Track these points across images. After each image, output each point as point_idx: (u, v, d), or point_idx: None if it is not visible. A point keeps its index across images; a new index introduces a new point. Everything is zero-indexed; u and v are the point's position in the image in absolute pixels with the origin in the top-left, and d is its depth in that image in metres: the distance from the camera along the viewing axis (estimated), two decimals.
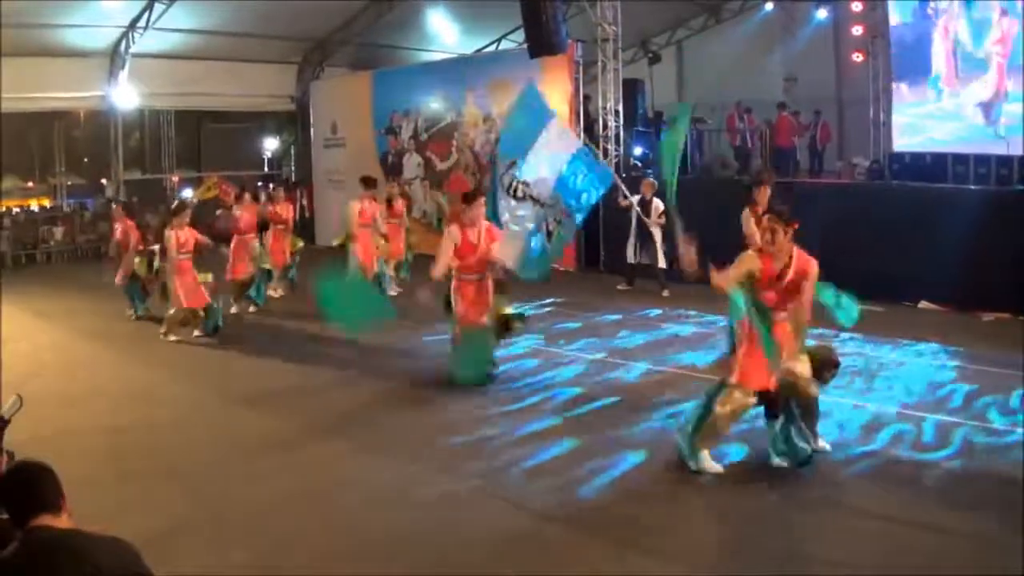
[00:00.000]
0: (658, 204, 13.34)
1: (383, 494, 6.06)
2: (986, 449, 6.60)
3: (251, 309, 13.11)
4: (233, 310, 12.80)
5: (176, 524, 5.54)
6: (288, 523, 5.60)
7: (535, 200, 9.19)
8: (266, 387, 9.02)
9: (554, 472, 6.31)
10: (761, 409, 6.22)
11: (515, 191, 9.14)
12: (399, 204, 14.95)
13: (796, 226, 5.99)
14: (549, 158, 9.37)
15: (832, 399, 7.53)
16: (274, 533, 5.46)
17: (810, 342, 6.53)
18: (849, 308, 7.09)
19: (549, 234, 9.25)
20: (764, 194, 8.98)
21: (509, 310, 8.90)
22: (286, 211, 14.57)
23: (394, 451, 6.94)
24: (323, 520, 5.65)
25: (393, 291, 13.24)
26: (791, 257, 6.00)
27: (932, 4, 15.97)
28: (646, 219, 13.45)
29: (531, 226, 9.04)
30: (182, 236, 11.17)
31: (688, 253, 7.12)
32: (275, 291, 14.08)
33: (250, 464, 6.74)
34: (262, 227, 13.81)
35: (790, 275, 6.00)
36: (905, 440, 6.81)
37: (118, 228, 12.88)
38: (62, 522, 2.85)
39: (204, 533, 5.48)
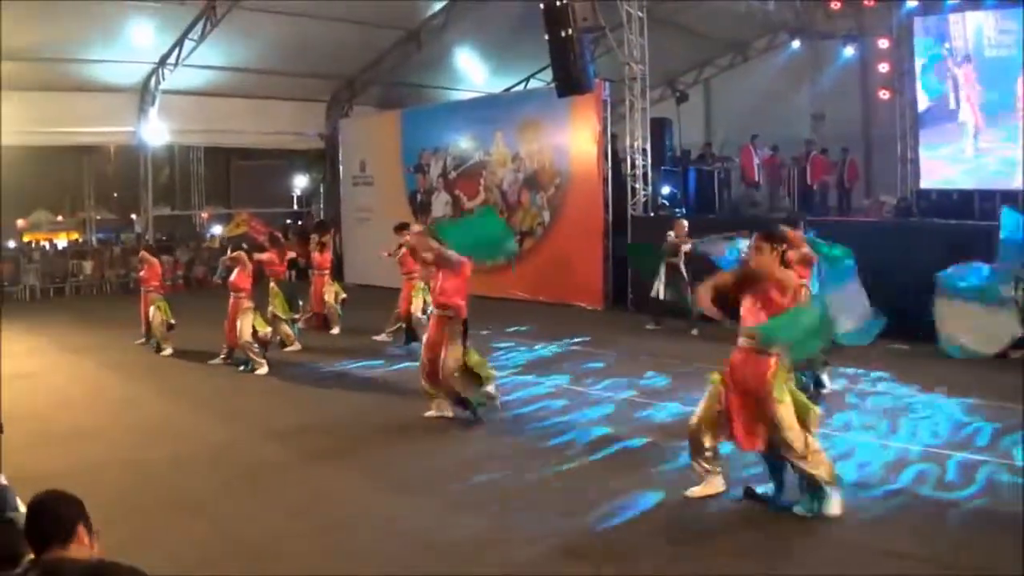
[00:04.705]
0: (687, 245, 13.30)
1: (403, 528, 6.03)
2: (1010, 487, 6.46)
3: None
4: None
5: (199, 559, 5.47)
6: (313, 557, 5.54)
7: None
8: (291, 422, 8.98)
9: (576, 511, 6.20)
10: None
11: None
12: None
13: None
14: None
15: (859, 439, 7.66)
16: (299, 567, 5.40)
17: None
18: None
19: None
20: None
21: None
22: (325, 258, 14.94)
23: (415, 488, 6.88)
24: (346, 555, 5.60)
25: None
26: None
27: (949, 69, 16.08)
28: (675, 259, 13.36)
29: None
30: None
31: None
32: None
33: (274, 498, 6.70)
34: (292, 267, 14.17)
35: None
36: (930, 479, 6.67)
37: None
38: (82, 551, 2.78)
39: (227, 568, 5.40)
